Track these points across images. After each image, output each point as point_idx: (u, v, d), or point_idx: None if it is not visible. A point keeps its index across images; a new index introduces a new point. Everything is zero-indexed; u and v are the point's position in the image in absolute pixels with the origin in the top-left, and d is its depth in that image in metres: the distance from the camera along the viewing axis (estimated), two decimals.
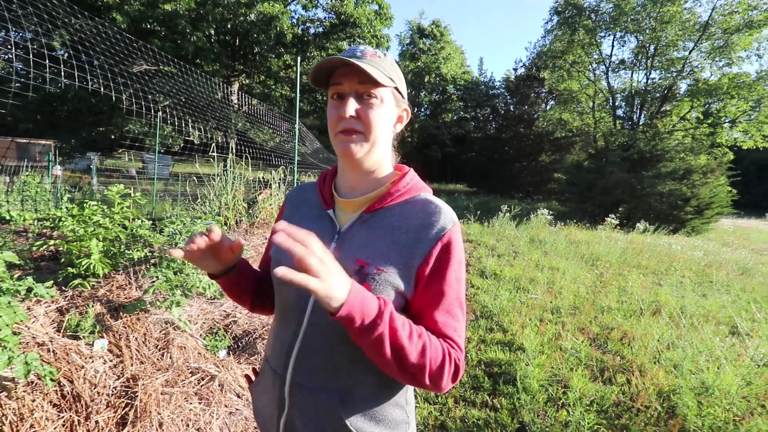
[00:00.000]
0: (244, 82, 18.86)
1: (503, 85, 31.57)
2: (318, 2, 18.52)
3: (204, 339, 2.58)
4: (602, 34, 18.26)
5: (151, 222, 3.37)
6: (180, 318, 2.47)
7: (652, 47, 16.54)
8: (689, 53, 15.46)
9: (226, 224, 5.05)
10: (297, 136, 5.03)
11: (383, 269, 0.69)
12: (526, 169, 25.72)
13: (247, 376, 0.91)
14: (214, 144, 5.67)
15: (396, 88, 0.74)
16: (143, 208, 5.17)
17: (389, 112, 0.74)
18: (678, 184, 11.81)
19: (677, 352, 2.84)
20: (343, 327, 0.70)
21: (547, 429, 2.11)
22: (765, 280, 6.09)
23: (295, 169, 5.02)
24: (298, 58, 5.53)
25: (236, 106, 12.03)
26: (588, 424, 2.07)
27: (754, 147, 15.16)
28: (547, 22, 20.89)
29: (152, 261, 3.08)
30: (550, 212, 9.58)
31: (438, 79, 31.99)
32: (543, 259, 6.17)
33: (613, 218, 9.17)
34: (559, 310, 3.91)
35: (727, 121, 15.56)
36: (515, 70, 29.89)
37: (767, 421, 2.07)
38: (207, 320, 2.81)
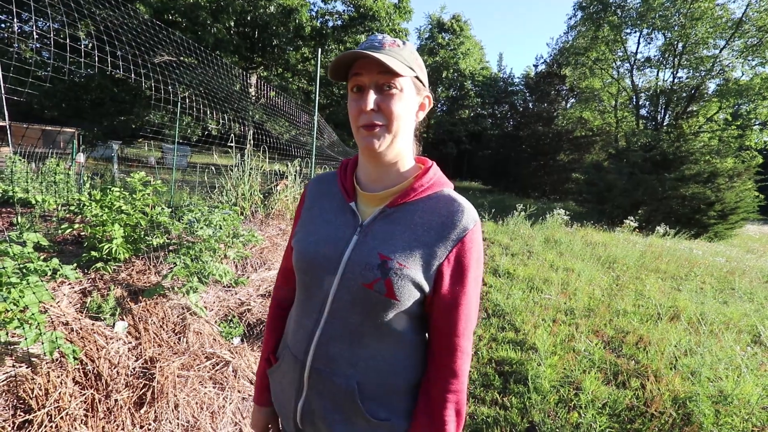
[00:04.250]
0: (261, 74, 19.00)
1: (522, 82, 30.98)
2: None
3: (219, 325, 2.64)
4: (628, 31, 17.74)
5: (170, 210, 3.44)
6: (197, 304, 2.53)
7: (680, 45, 16.00)
8: (720, 51, 14.90)
9: (242, 214, 5.13)
10: (315, 128, 5.05)
11: (405, 264, 0.69)
12: (543, 168, 25.21)
13: (267, 360, 0.92)
14: (232, 134, 5.73)
15: (416, 77, 0.74)
16: (162, 196, 5.29)
17: (410, 101, 0.74)
18: (702, 188, 11.43)
19: (695, 359, 2.76)
20: (363, 316, 0.72)
21: (557, 430, 2.09)
22: None
23: (313, 161, 5.04)
24: (319, 51, 5.52)
25: (254, 97, 12.14)
26: (600, 427, 2.04)
27: None
28: (570, 18, 20.44)
29: (171, 247, 3.16)
30: (567, 212, 9.40)
31: (456, 74, 31.54)
32: (558, 259, 6.07)
33: (632, 220, 8.96)
34: (572, 312, 3.85)
35: (757, 123, 14.97)
36: (535, 66, 29.32)
37: None
38: (222, 307, 2.87)
